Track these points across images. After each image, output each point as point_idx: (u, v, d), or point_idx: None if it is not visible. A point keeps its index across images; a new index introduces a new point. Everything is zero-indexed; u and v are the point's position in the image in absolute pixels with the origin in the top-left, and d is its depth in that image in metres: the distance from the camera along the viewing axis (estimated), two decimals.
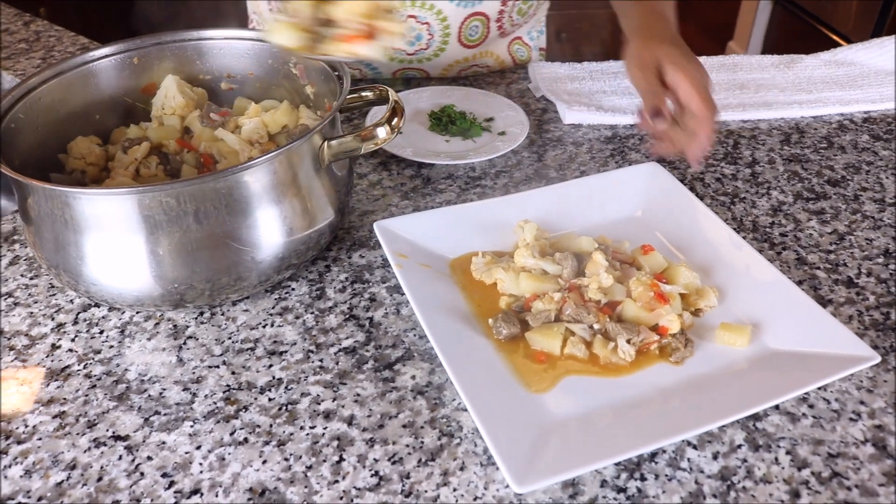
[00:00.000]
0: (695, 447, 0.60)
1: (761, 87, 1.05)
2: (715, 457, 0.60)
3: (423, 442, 0.61)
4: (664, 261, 0.75)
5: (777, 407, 0.63)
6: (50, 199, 0.65)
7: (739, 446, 0.60)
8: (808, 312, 0.67)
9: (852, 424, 0.62)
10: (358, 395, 0.64)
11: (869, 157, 0.95)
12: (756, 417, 0.63)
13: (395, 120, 0.73)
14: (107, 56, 0.82)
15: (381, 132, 0.72)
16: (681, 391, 0.63)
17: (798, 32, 2.46)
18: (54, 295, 0.74)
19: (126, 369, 0.67)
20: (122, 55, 0.83)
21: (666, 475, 0.58)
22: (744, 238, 0.82)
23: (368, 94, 0.79)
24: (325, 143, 0.71)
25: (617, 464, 0.59)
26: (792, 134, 1.00)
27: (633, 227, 0.81)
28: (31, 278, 0.76)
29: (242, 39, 0.86)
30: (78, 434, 0.61)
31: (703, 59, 1.11)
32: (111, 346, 0.69)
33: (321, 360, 0.67)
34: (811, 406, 0.64)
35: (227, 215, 0.67)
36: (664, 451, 0.60)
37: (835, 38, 2.28)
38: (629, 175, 0.86)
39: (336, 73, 0.78)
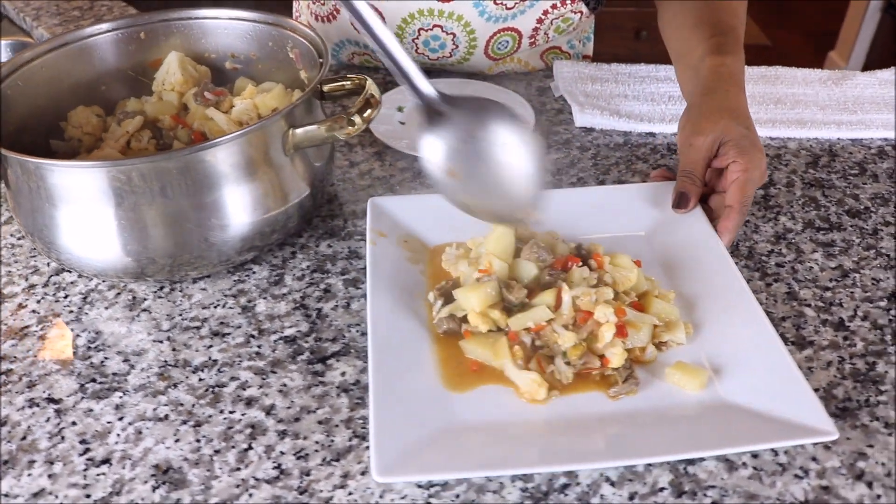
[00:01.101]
0: (612, 483, 0.57)
1: (798, 104, 0.97)
2: (632, 497, 0.56)
3: (333, 440, 0.60)
4: (643, 284, 0.70)
5: None
6: (22, 168, 0.68)
7: (662, 489, 0.56)
8: (779, 368, 0.60)
9: (796, 482, 0.57)
10: (284, 385, 0.64)
11: None
12: (690, 460, 0.58)
13: (368, 112, 0.72)
14: (114, 30, 0.85)
15: (353, 122, 0.71)
16: (606, 422, 0.59)
17: None
18: (34, 257, 0.78)
19: (78, 335, 0.69)
20: (129, 30, 0.86)
21: None
22: (735, 265, 0.76)
23: (347, 83, 0.78)
24: (291, 130, 0.71)
25: (523, 490, 0.56)
26: (822, 156, 0.92)
27: (632, 247, 0.75)
28: (19, 238, 0.80)
29: (245, 20, 0.87)
30: (17, 392, 0.64)
31: None
32: (71, 311, 0.72)
33: (259, 347, 0.68)
34: (755, 456, 0.59)
35: (187, 194, 0.68)
36: (578, 484, 0.57)
37: None
38: (642, 192, 0.80)
39: (320, 60, 0.77)
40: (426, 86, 0.64)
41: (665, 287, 0.71)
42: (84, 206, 0.68)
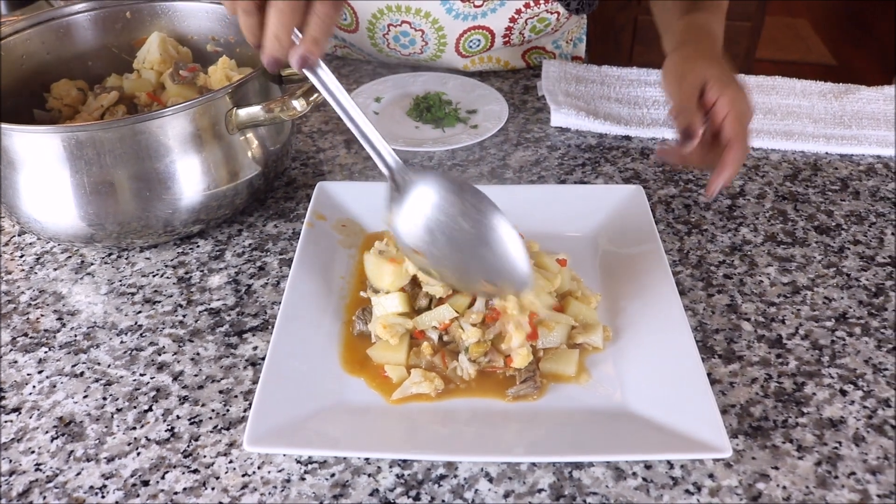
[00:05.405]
0: (491, 479, 0.56)
1: (790, 115, 0.93)
2: (507, 495, 0.55)
3: (228, 410, 0.61)
4: (568, 282, 0.69)
5: None
6: None
7: (540, 490, 0.55)
8: (689, 380, 0.58)
9: (685, 497, 0.54)
10: (198, 353, 0.66)
11: (883, 209, 0.81)
12: (578, 465, 0.56)
13: (315, 95, 0.73)
14: (101, 8, 0.89)
15: (296, 105, 0.72)
16: (497, 419, 0.58)
17: None
18: (4, 218, 0.82)
19: (23, 292, 0.73)
20: (116, 9, 0.90)
21: (443, 500, 0.54)
22: (680, 273, 0.73)
23: None
24: (235, 109, 0.73)
25: (398, 476, 0.56)
26: (804, 170, 0.87)
27: (576, 248, 0.74)
28: None
29: (221, 3, 0.89)
30: None
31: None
32: (22, 270, 0.75)
33: (184, 316, 0.70)
34: (648, 467, 0.56)
35: (130, 163, 0.70)
36: (455, 476, 0.56)
37: None
38: (594, 193, 0.79)
39: None
40: (391, 156, 0.61)
41: (597, 290, 0.70)
42: (38, 170, 0.71)
